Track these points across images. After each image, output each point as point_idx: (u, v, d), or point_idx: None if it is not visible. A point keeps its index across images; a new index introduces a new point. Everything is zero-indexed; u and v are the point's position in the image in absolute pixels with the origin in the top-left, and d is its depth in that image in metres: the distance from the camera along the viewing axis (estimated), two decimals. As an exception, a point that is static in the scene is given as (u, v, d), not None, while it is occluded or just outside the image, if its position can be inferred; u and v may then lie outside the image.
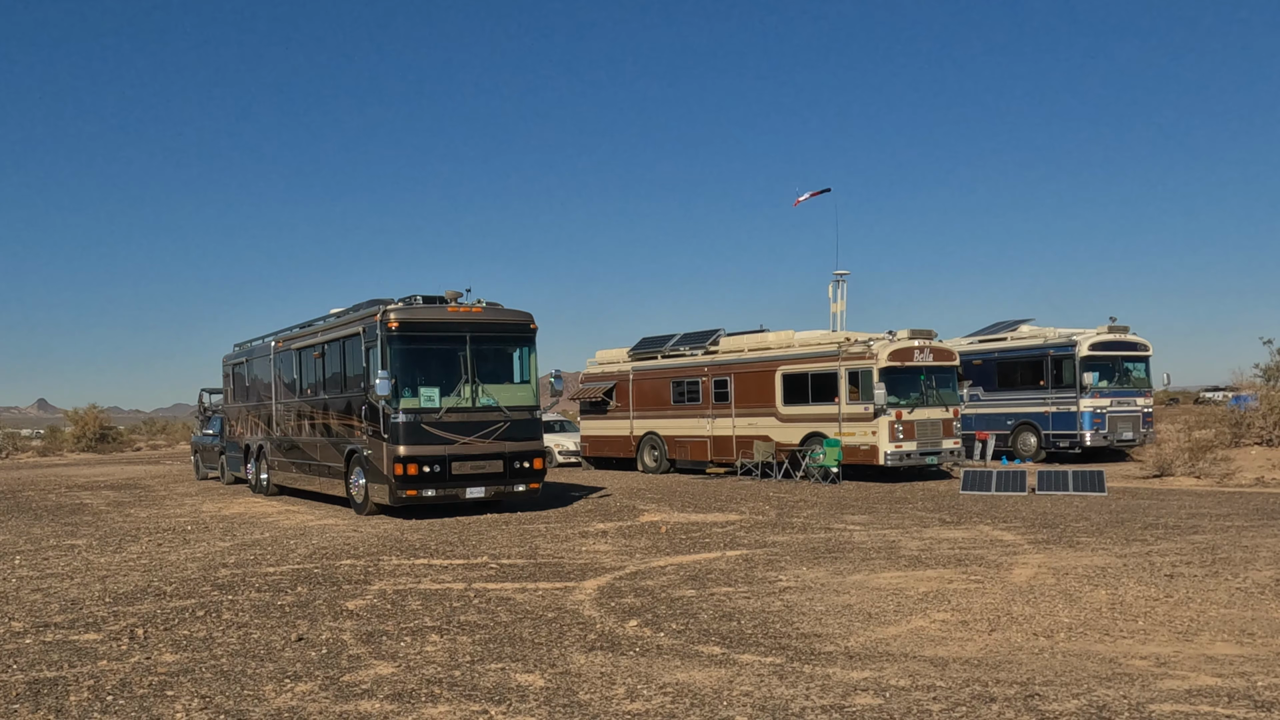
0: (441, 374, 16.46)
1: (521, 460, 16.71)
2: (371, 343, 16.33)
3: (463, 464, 16.21)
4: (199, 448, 28.18)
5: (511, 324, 17.15)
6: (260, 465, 22.18)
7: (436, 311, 16.61)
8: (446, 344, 16.50)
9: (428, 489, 15.92)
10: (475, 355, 16.56)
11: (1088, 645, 6.99)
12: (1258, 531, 12.57)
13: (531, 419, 17.00)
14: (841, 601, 8.79)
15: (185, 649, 7.59)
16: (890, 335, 22.54)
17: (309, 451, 19.33)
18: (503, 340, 17.09)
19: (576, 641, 7.54)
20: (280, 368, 21.06)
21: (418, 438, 15.87)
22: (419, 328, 16.29)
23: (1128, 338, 27.32)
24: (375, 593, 9.71)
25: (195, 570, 11.36)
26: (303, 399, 19.71)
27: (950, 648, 7.02)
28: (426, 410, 16.03)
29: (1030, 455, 27.23)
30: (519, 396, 16.98)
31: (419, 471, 15.79)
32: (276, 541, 13.73)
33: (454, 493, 16.20)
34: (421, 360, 16.47)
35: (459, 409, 16.27)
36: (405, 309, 16.37)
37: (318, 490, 19.05)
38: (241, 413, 23.84)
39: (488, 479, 16.45)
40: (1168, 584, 9.12)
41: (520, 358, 17.28)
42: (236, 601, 9.42)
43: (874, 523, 14.54)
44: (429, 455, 15.93)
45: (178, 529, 15.72)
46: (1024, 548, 11.69)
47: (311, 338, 19.29)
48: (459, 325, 16.59)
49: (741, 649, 7.16)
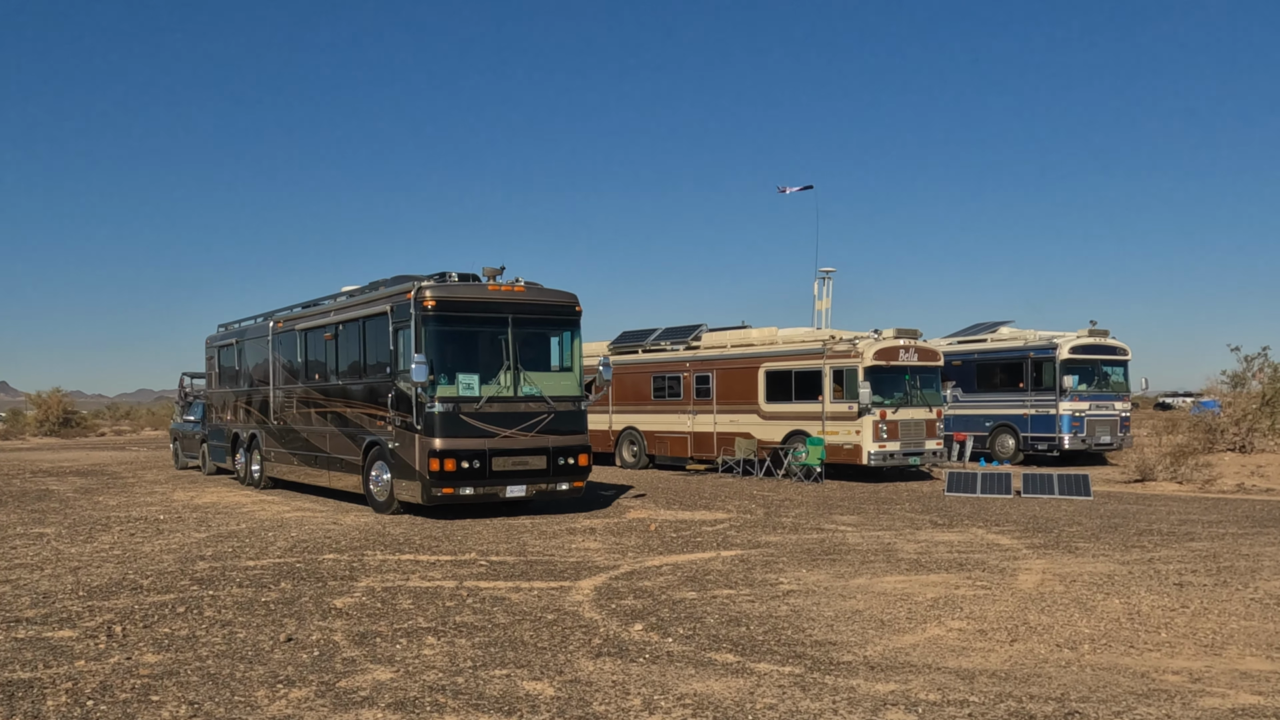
0: (481, 359, 15.03)
1: (566, 456, 15.29)
2: (402, 323, 14.82)
3: (503, 459, 14.73)
4: (179, 435, 26.58)
5: (556, 305, 15.74)
6: (252, 456, 20.60)
7: (476, 290, 15.07)
8: (486, 326, 15.05)
9: (465, 487, 14.46)
10: (517, 339, 15.12)
11: (1115, 658, 6.76)
12: (1254, 540, 12.45)
13: (577, 410, 15.59)
14: (850, 607, 8.52)
15: (168, 649, 7.18)
16: (876, 334, 22.36)
17: (316, 442, 17.77)
18: (546, 323, 15.68)
19: (582, 646, 7.21)
20: (280, 350, 19.40)
21: (456, 430, 14.41)
22: (457, 307, 14.79)
23: (1107, 342, 27.33)
24: (363, 590, 9.33)
25: (171, 562, 10.91)
26: (309, 384, 18.10)
27: (973, 659, 6.77)
28: (465, 399, 14.56)
29: (1008, 457, 27.19)
30: (563, 385, 15.60)
31: (457, 467, 14.31)
32: (254, 533, 13.28)
33: (493, 491, 14.76)
34: (460, 343, 15.03)
35: (500, 398, 14.84)
36: (442, 286, 14.84)
37: (326, 485, 17.53)
38: (229, 398, 22.18)
39: (529, 476, 15.02)
40: (1179, 593, 8.94)
41: (564, 342, 15.92)
42: (218, 597, 9.00)
43: (864, 524, 14.32)
44: (468, 449, 14.43)
45: (150, 518, 15.21)
46: (1023, 553, 11.50)
47: (321, 317, 17.77)
48: (500, 305, 15.08)
49: (756, 657, 6.87)
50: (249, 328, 21.17)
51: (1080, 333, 27.07)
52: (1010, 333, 28.48)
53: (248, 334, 21.13)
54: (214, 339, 23.41)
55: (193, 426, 25.50)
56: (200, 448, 24.67)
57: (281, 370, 19.29)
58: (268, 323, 19.98)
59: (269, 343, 19.79)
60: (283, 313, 19.70)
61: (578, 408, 15.60)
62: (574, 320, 15.87)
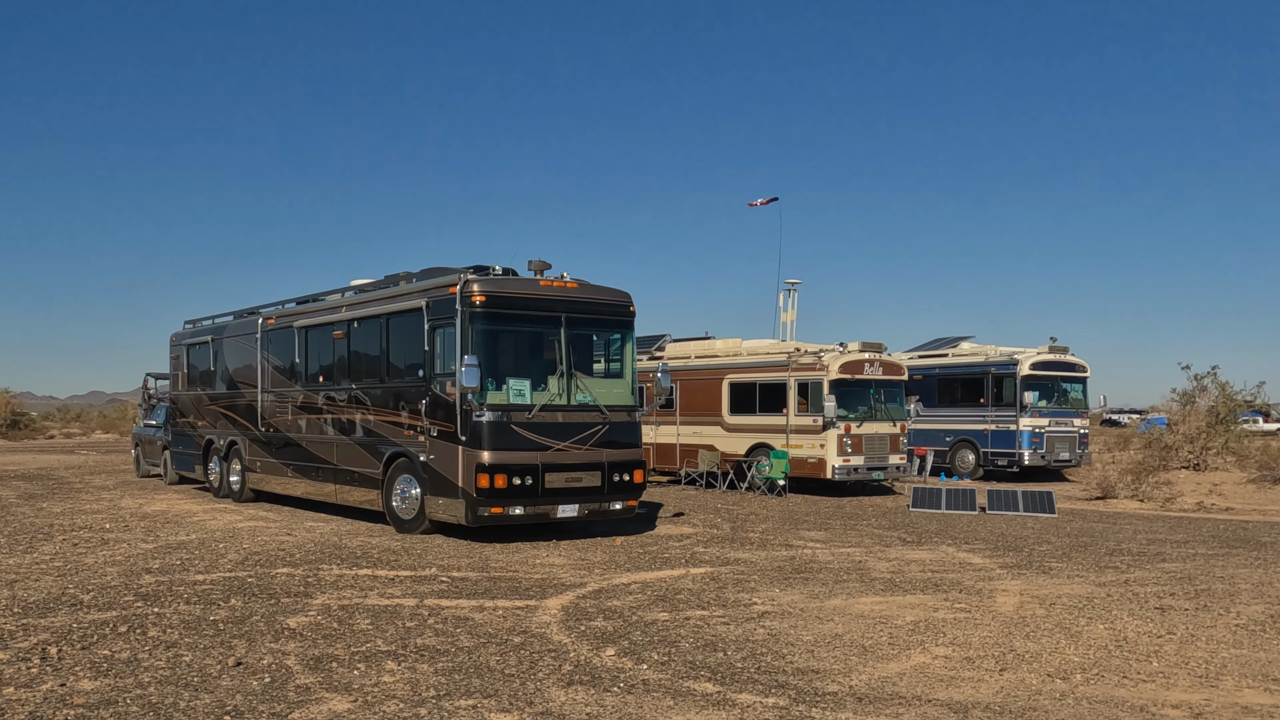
0: (532, 363, 13.78)
1: (621, 471, 13.86)
2: (442, 320, 13.37)
3: (556, 475, 13.27)
4: (141, 440, 24.76)
5: (611, 304, 14.38)
6: (230, 466, 18.88)
7: (528, 286, 13.66)
8: (538, 326, 13.73)
9: (515, 506, 12.97)
10: (570, 341, 13.76)
11: (1110, 690, 6.51)
12: (1225, 561, 12.36)
13: (632, 421, 14.24)
14: (829, 630, 8.22)
15: (106, 674, 6.70)
16: (841, 347, 22.21)
17: (318, 452, 16.14)
18: (600, 324, 14.37)
19: (551, 673, 6.84)
20: (272, 349, 17.68)
21: (506, 441, 12.92)
22: (509, 304, 13.37)
23: (1067, 358, 27.44)
24: (319, 608, 8.88)
25: (116, 576, 10.36)
26: (311, 387, 16.43)
27: (964, 690, 6.49)
28: (516, 407, 13.08)
29: (968, 472, 27.16)
30: (616, 393, 14.22)
31: (508, 484, 12.84)
32: (204, 544, 12.73)
33: (544, 511, 13.27)
34: (510, 345, 13.78)
35: (552, 406, 13.41)
36: (493, 280, 13.37)
37: (331, 500, 15.91)
38: (200, 401, 20.30)
39: (583, 494, 13.52)
40: (1163, 619, 8.74)
41: (618, 345, 14.65)
42: (163, 615, 8.50)
43: (833, 540, 14.07)
44: (520, 464, 12.96)
45: (95, 527, 14.58)
46: (997, 573, 11.29)
47: (329, 314, 16.15)
48: (553, 303, 13.69)
49: (737, 686, 6.54)
50: (229, 324, 19.51)
51: (1040, 349, 27.16)
52: (971, 348, 28.52)
53: (228, 331, 19.40)
54: (182, 336, 21.56)
55: (155, 431, 23.76)
56: (163, 455, 22.93)
57: (272, 371, 17.72)
58: (255, 319, 18.35)
59: (257, 341, 18.10)
60: (270, 309, 18.19)
61: (633, 418, 14.29)
62: (628, 321, 14.60)
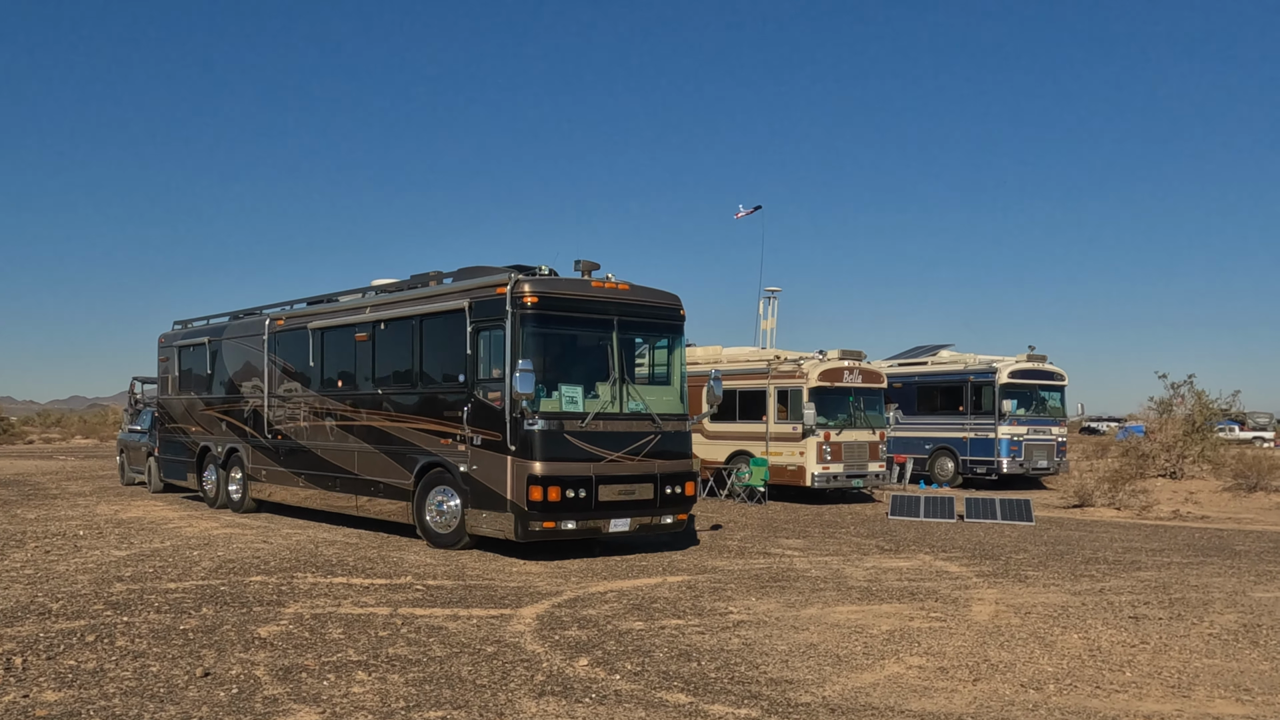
0: (584, 369, 13.17)
1: (673, 484, 13.19)
2: (488, 322, 12.71)
3: (609, 488, 12.59)
4: (126, 446, 23.93)
5: (662, 307, 13.77)
6: (229, 474, 18.09)
7: (580, 287, 13.03)
8: (590, 329, 13.11)
9: (568, 520, 12.29)
10: (622, 346, 13.19)
11: (1082, 700, 6.51)
12: (1200, 570, 12.42)
13: (683, 431, 13.62)
14: (803, 640, 8.20)
15: (71, 684, 6.61)
16: (821, 355, 22.25)
17: (337, 461, 15.34)
18: (651, 328, 13.72)
19: (523, 684, 6.79)
20: (280, 352, 16.88)
21: (559, 451, 12.25)
22: (562, 306, 12.74)
23: (1045, 367, 27.58)
24: (291, 617, 8.79)
25: (86, 584, 10.24)
26: (326, 392, 15.67)
27: (938, 700, 6.47)
28: (569, 415, 12.45)
29: (947, 480, 27.24)
30: (667, 401, 13.59)
31: (561, 497, 12.17)
32: (178, 551, 12.61)
33: (596, 525, 12.60)
34: (563, 349, 13.23)
35: (605, 415, 12.77)
36: (545, 280, 12.74)
37: (351, 512, 15.14)
38: (194, 406, 19.42)
39: (635, 508, 12.85)
40: (1136, 628, 8.76)
41: (668, 351, 14.01)
42: (133, 624, 8.40)
43: (811, 548, 14.06)
44: (573, 476, 12.29)
45: (68, 534, 14.42)
46: (973, 581, 11.30)
47: (349, 315, 15.41)
48: (605, 306, 13.07)
49: (709, 697, 6.50)
50: (228, 325, 18.69)
51: (1019, 357, 27.28)
52: (950, 356, 28.63)
53: (228, 332, 18.56)
54: (172, 338, 20.61)
55: (140, 438, 22.96)
56: (147, 462, 22.15)
57: (280, 375, 16.91)
58: (260, 320, 17.53)
59: (263, 343, 17.26)
60: (274, 309, 17.50)
61: (684, 427, 13.68)
62: (679, 326, 14.02)
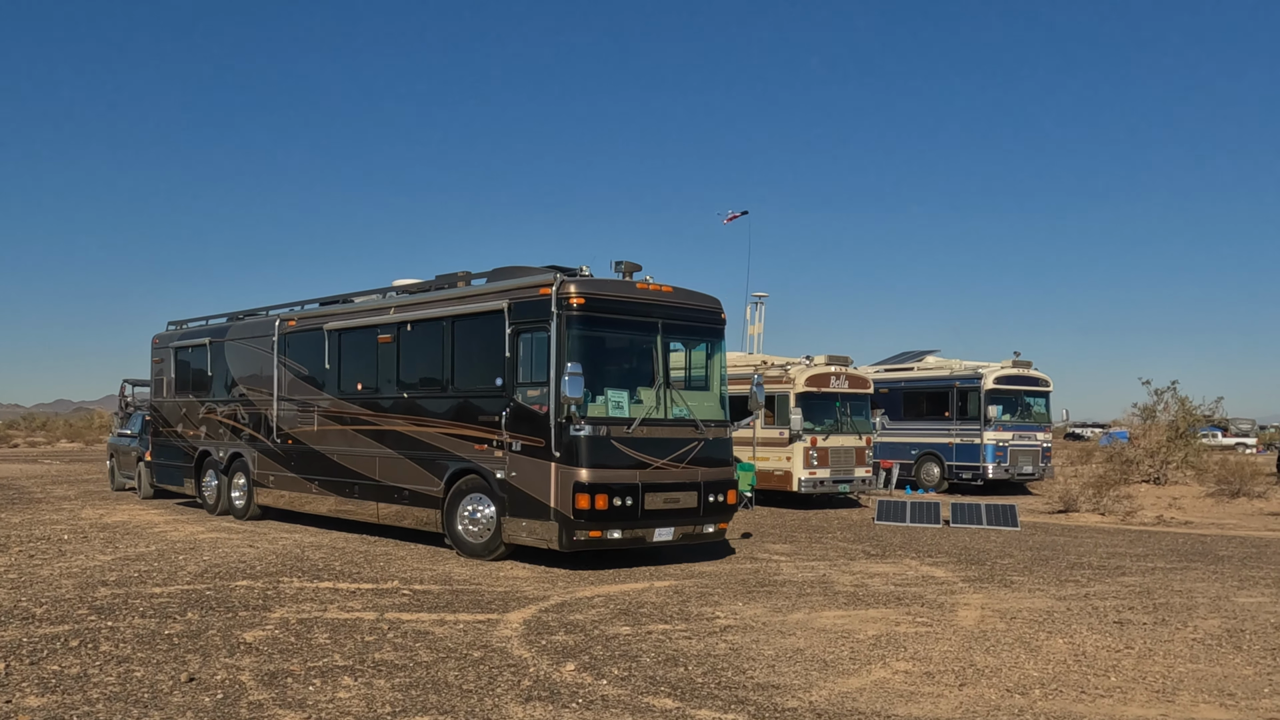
0: (629, 373, 12.84)
1: (716, 492, 12.91)
2: (530, 324, 12.30)
3: (655, 496, 12.25)
4: (116, 451, 23.39)
5: (705, 311, 13.52)
6: (232, 480, 17.64)
7: (626, 289, 12.71)
8: (635, 332, 12.78)
9: (614, 529, 11.97)
10: (666, 349, 12.91)
11: (1068, 705, 6.54)
12: (1183, 575, 12.49)
13: (725, 437, 13.36)
14: (790, 645, 8.21)
15: (54, 690, 6.57)
16: (808, 360, 22.31)
17: (356, 467, 14.92)
18: (694, 331, 13.43)
19: (510, 689, 6.78)
20: (291, 354, 16.44)
21: (606, 458, 11.91)
22: (608, 308, 12.40)
23: (1030, 373, 27.70)
24: (276, 622, 8.76)
25: (71, 589, 10.18)
26: (344, 396, 15.24)
27: (924, 705, 6.49)
28: (615, 421, 12.11)
29: (933, 485, 27.32)
30: (709, 407, 13.28)
31: (609, 505, 11.82)
32: (163, 556, 12.55)
33: (641, 535, 12.27)
34: (609, 353, 12.86)
35: (650, 420, 12.44)
36: (591, 281, 12.40)
37: (372, 520, 14.71)
38: (192, 410, 18.96)
39: (679, 516, 12.52)
40: (1121, 633, 8.81)
41: (709, 355, 13.69)
42: (117, 629, 8.35)
43: (798, 553, 14.09)
44: (620, 483, 11.94)
45: (53, 538, 14.34)
46: (959, 586, 11.34)
47: (371, 315, 14.97)
48: (650, 308, 12.78)
49: (696, 702, 6.51)
50: (232, 326, 18.25)
51: (1004, 363, 27.39)
52: (936, 362, 28.73)
53: (230, 334, 18.13)
54: (168, 339, 20.08)
55: (131, 442, 22.41)
56: (137, 467, 21.66)
57: (291, 377, 16.46)
58: (269, 320, 17.15)
59: (272, 344, 16.81)
60: (281, 309, 17.14)
61: (725, 434, 13.41)
62: (720, 329, 13.75)
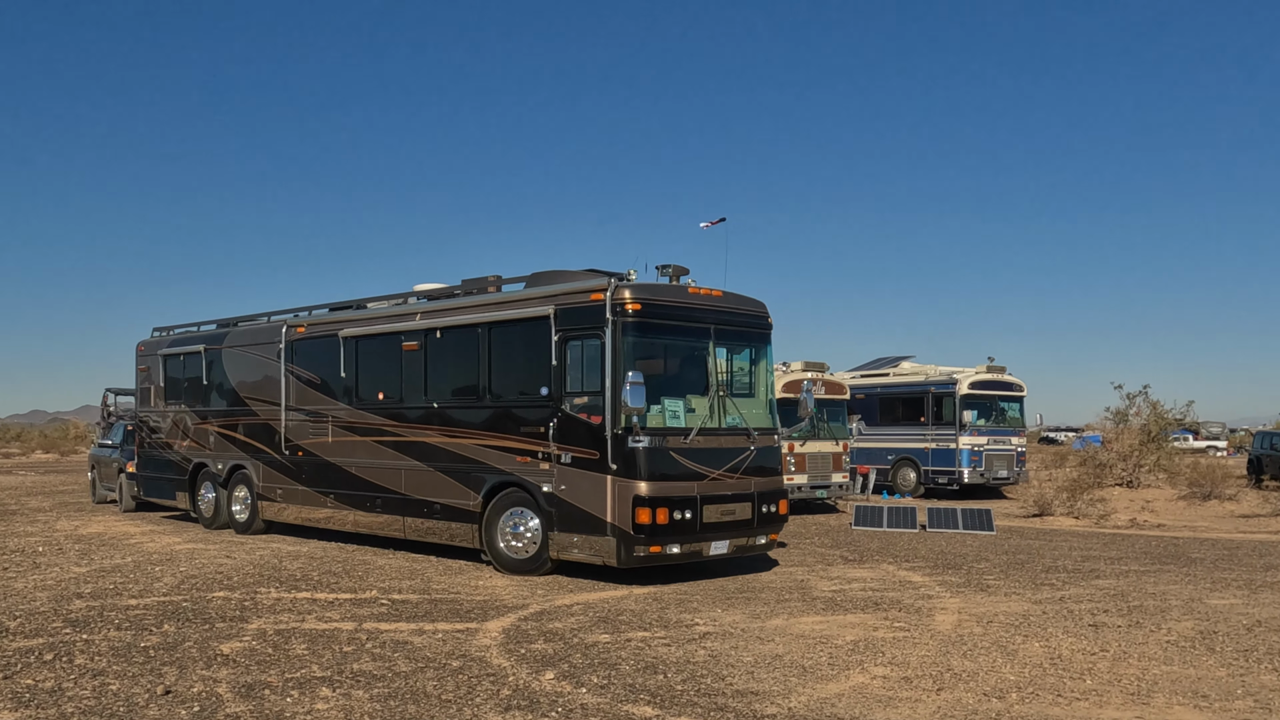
0: (684, 381, 12.48)
1: (769, 502, 12.55)
2: (580, 331, 11.83)
3: (712, 508, 11.85)
4: (98, 462, 22.66)
5: (754, 315, 13.13)
6: (233, 493, 17.08)
7: (679, 294, 12.29)
8: (689, 339, 12.38)
9: (673, 544, 11.51)
10: (718, 356, 12.57)
11: (1044, 708, 6.60)
12: (1157, 577, 12.62)
13: (774, 446, 13.03)
14: (769, 651, 8.25)
15: (27, 704, 6.51)
16: (784, 366, 22.37)
17: (379, 480, 14.38)
18: (743, 337, 13.01)
19: (489, 699, 6.77)
20: (301, 361, 15.93)
21: (664, 470, 11.47)
22: (664, 314, 11.95)
23: (1004, 378, 27.93)
24: (254, 633, 8.71)
25: (45, 601, 10.09)
26: (364, 406, 14.68)
27: (902, 710, 6.54)
28: (671, 431, 11.70)
29: (909, 490, 27.49)
30: (758, 414, 12.90)
31: (669, 519, 11.38)
32: (140, 568, 12.45)
33: (698, 549, 11.84)
34: (665, 360, 12.50)
35: (706, 430, 12.07)
36: (645, 286, 11.90)
37: (399, 534, 14.11)
38: (186, 420, 18.31)
39: (734, 529, 12.14)
40: (1096, 636, 8.89)
41: (758, 362, 13.29)
42: (92, 642, 8.29)
43: (776, 559, 14.13)
44: (679, 496, 11.51)
45: (27, 550, 14.20)
46: (937, 590, 11.41)
47: (396, 322, 14.43)
48: (704, 314, 12.37)
49: (676, 710, 6.52)
50: (230, 332, 17.66)
51: (979, 368, 27.61)
52: (911, 367, 28.92)
53: (229, 340, 17.52)
54: (155, 345, 19.38)
55: (112, 453, 21.69)
56: (119, 479, 20.98)
57: (301, 386, 15.90)
58: (274, 327, 16.63)
59: (279, 352, 16.26)
60: (284, 314, 16.76)
61: (774, 442, 13.06)
62: (767, 335, 13.34)
